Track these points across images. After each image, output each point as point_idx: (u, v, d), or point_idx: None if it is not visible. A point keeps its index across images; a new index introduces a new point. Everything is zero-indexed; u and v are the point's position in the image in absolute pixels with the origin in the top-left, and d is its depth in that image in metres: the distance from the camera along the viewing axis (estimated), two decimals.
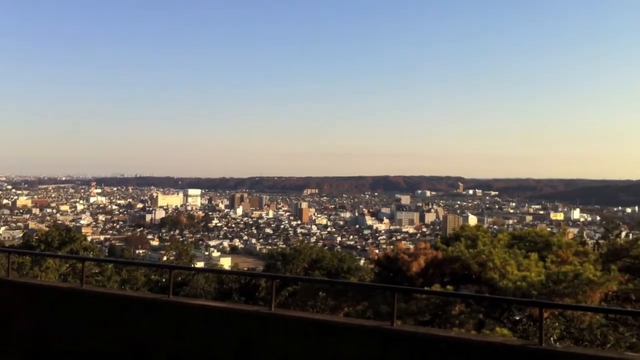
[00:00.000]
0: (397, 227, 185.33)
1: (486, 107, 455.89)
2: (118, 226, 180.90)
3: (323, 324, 9.06)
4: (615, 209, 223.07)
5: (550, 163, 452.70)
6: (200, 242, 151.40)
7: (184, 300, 11.21)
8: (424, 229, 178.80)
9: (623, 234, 23.09)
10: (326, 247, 68.92)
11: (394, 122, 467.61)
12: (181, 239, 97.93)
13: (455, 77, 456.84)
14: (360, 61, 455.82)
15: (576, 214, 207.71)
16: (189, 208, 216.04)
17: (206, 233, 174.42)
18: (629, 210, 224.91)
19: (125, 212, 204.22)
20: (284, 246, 71.80)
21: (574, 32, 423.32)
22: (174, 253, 36.89)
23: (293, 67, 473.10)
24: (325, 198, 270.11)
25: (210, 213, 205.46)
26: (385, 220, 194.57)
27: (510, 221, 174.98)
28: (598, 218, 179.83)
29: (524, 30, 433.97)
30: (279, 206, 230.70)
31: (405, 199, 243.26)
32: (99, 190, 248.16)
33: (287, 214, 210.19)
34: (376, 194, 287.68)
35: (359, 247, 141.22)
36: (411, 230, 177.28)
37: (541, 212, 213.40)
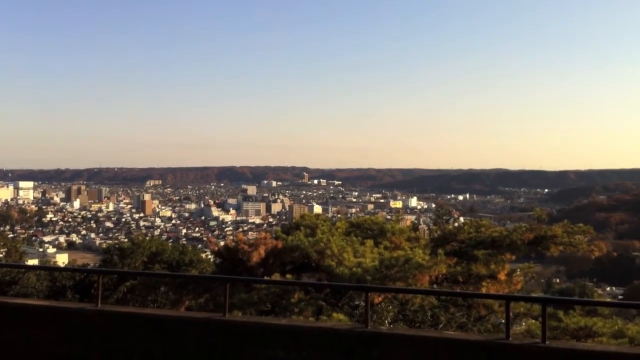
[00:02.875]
0: (244, 217, 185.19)
1: (329, 97, 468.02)
2: None
3: (153, 318, 8.75)
4: (449, 197, 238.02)
5: (389, 153, 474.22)
6: (34, 238, 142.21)
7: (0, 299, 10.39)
8: (271, 219, 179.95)
9: (455, 219, 24.38)
10: (170, 240, 67.32)
11: (240, 112, 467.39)
12: (12, 235, 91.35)
13: (298, 67, 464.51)
14: (199, 47, 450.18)
15: (414, 201, 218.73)
16: (20, 202, 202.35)
17: (40, 228, 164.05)
18: (460, 197, 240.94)
19: None
20: (125, 240, 69.25)
21: (397, 25, 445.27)
22: (2, 250, 34.21)
23: (127, 54, 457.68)
24: (169, 189, 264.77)
25: (44, 207, 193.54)
26: (232, 211, 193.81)
27: (353, 210, 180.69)
28: (433, 205, 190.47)
29: (346, 24, 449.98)
30: (120, 198, 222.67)
31: (252, 190, 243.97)
32: None
33: (129, 206, 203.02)
34: (222, 184, 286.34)
35: (204, 239, 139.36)
36: (258, 220, 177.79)
37: (382, 200, 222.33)
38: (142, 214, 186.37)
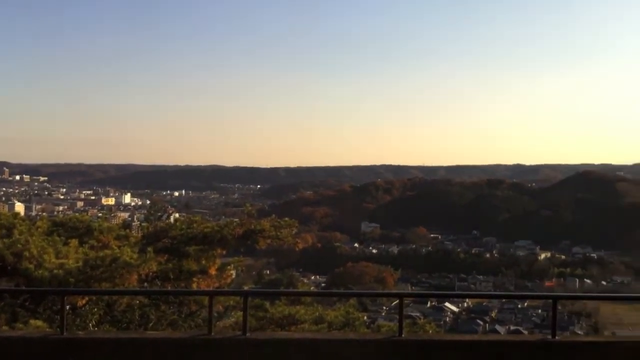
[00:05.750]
0: None
1: (34, 82, 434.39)
2: None
3: None
4: (165, 193, 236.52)
5: (102, 147, 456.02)
6: None
7: None
8: None
9: (171, 216, 24.14)
10: None
11: None
12: None
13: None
14: None
15: (127, 198, 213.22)
16: None
17: None
18: (176, 193, 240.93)
19: None
20: None
21: (131, 16, 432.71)
22: None
23: None
24: None
25: None
26: None
27: (61, 207, 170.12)
28: (148, 202, 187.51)
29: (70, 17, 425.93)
30: None
31: None
32: None
33: None
34: None
35: None
36: None
37: (93, 197, 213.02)
38: None
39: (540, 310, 79.52)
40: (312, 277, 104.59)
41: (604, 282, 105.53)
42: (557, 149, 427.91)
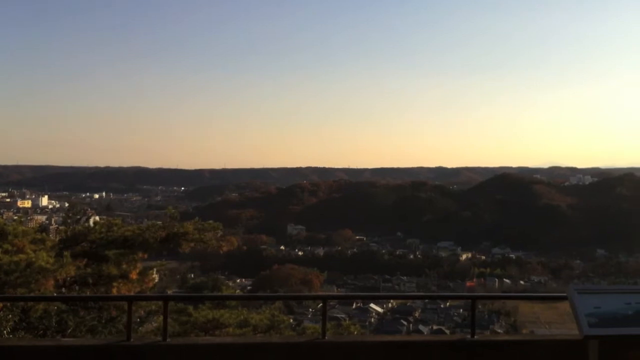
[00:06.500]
0: None
1: None
2: None
3: None
4: (84, 195, 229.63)
5: (16, 148, 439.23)
6: None
7: None
8: None
9: (91, 219, 23.48)
10: None
11: None
12: None
13: None
14: None
15: (45, 200, 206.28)
16: None
17: None
18: (97, 196, 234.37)
19: None
20: None
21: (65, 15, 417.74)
22: None
23: None
24: None
25: None
26: None
27: None
28: (67, 204, 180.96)
29: None
30: None
31: None
32: None
33: None
34: None
35: None
36: None
37: (8, 199, 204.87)
38: None
39: (461, 310, 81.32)
40: (238, 280, 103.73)
41: (522, 282, 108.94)
42: (477, 153, 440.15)
